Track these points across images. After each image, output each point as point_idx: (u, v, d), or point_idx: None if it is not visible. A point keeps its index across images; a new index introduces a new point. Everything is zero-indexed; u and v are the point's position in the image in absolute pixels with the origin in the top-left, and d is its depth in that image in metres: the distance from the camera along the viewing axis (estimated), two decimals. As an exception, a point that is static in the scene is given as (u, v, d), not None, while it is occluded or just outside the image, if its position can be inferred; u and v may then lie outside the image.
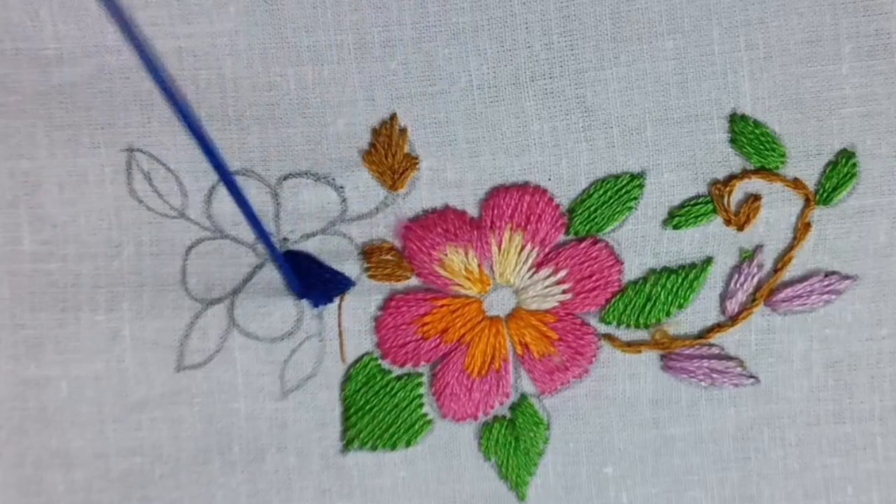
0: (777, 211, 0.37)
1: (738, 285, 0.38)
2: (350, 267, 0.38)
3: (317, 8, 0.36)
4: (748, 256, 0.38)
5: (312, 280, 0.37)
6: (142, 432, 0.38)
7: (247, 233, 0.38)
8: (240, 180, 0.37)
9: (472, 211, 0.38)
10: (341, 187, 0.38)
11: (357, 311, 0.38)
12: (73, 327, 0.38)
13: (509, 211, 0.37)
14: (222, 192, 0.37)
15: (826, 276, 0.37)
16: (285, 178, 0.37)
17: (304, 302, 0.38)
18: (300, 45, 0.37)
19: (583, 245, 0.38)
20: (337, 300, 0.38)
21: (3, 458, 0.38)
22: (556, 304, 0.38)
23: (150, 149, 0.37)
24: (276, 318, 0.38)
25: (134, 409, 0.38)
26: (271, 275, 0.38)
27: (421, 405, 0.38)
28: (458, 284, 0.38)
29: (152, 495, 0.38)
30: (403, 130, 0.37)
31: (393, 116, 0.37)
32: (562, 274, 0.38)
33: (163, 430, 0.38)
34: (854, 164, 0.37)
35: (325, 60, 0.37)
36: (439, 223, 0.37)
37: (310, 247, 0.38)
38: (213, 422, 0.38)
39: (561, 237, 0.38)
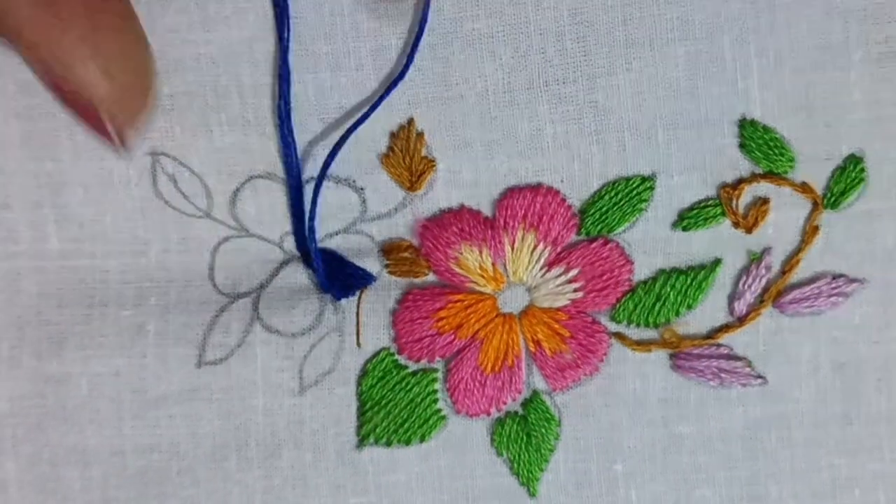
0: (785, 214, 0.38)
1: (746, 287, 0.38)
2: (371, 264, 0.38)
3: (335, 16, 0.37)
4: (756, 258, 0.38)
5: (337, 274, 0.38)
6: (160, 429, 0.38)
7: (271, 231, 0.38)
8: (264, 183, 0.38)
9: (487, 211, 0.38)
10: (362, 189, 0.38)
11: (376, 305, 0.38)
12: (98, 322, 0.38)
13: (522, 211, 0.38)
14: (246, 193, 0.38)
15: (834, 278, 0.38)
16: (307, 181, 0.38)
17: (328, 297, 0.38)
18: (318, 53, 0.37)
19: (594, 245, 0.38)
20: (357, 293, 0.38)
21: (20, 455, 0.38)
22: (568, 302, 0.38)
23: (173, 153, 0.38)
24: (298, 312, 0.38)
25: (152, 407, 0.38)
26: (297, 270, 0.38)
27: (436, 400, 0.38)
28: (473, 282, 0.38)
29: (169, 492, 0.38)
30: (420, 134, 0.38)
31: (410, 121, 0.37)
32: (573, 273, 0.38)
33: (181, 427, 0.38)
34: (862, 169, 0.37)
35: (343, 67, 0.37)
36: (455, 222, 0.38)
37: (332, 245, 0.38)
38: (231, 418, 0.38)
39: (573, 237, 0.38)
